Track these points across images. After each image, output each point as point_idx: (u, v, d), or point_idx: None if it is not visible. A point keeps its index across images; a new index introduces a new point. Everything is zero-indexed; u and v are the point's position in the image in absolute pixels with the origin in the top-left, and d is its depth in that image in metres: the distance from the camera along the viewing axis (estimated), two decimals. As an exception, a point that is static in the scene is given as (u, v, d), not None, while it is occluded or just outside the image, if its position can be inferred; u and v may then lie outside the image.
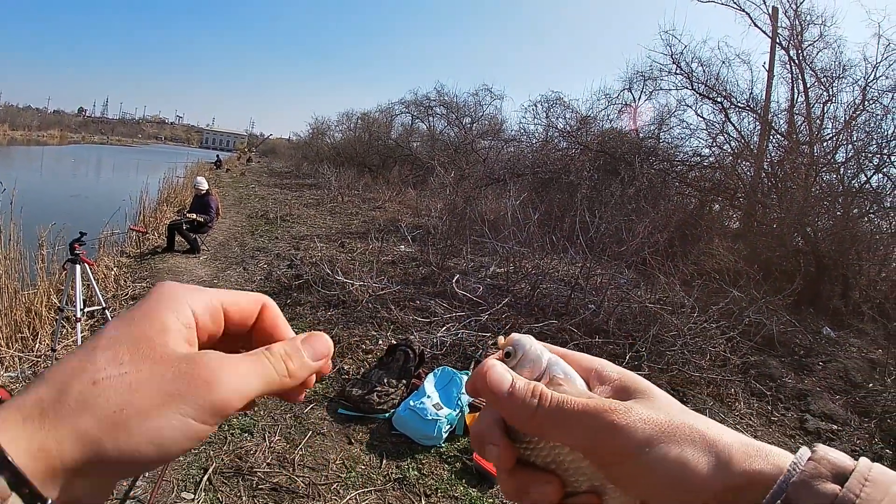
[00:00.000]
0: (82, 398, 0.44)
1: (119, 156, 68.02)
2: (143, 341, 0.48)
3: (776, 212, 13.69)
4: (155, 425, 0.45)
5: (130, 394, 0.45)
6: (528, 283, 10.10)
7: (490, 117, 34.08)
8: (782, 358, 8.29)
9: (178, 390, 0.46)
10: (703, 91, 17.41)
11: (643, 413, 0.51)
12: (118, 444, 0.44)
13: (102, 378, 0.45)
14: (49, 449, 0.42)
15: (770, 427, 6.24)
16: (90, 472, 0.44)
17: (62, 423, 0.43)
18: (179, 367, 0.48)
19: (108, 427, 0.43)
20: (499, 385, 0.53)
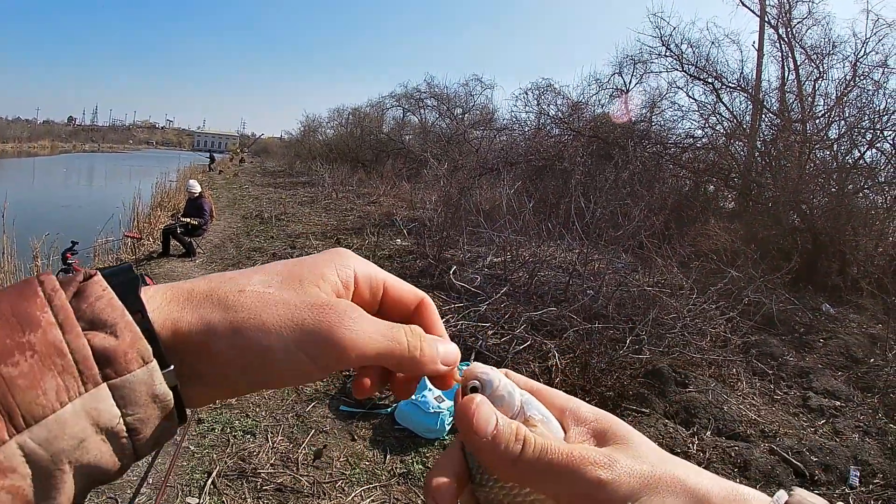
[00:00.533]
0: (225, 299, 0.49)
1: (111, 163, 67.78)
2: (296, 278, 0.52)
3: (771, 190, 13.69)
4: (268, 341, 0.48)
5: (262, 307, 0.48)
6: (526, 271, 10.08)
7: (481, 107, 34.08)
8: (783, 336, 8.29)
9: (302, 320, 0.49)
10: (693, 72, 17.42)
11: (627, 465, 0.49)
12: (231, 344, 0.47)
13: (249, 290, 0.49)
14: (180, 327, 0.47)
15: (773, 406, 6.23)
16: (201, 363, 0.48)
17: (199, 310, 0.48)
18: (314, 303, 0.50)
19: (231, 327, 0.47)
20: (483, 426, 0.50)
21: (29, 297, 0.43)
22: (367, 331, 0.50)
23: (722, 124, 17.18)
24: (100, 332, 0.43)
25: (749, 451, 5.01)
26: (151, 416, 0.45)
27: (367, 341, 0.50)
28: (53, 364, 0.41)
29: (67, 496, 0.42)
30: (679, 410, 5.78)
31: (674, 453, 2.11)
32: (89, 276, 0.46)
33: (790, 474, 4.79)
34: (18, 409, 0.39)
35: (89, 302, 0.44)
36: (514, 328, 7.39)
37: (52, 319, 0.42)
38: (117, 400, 0.43)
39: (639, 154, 15.85)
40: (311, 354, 0.48)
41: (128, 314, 0.44)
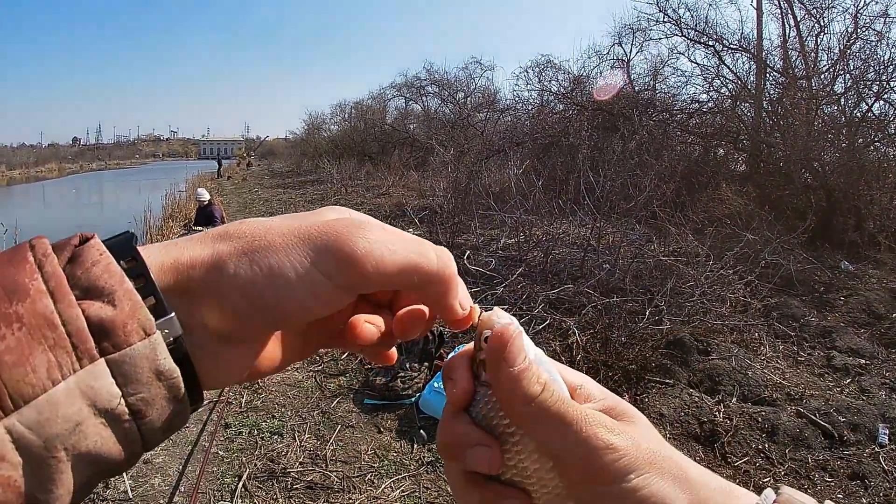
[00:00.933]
0: (227, 231, 0.46)
1: (119, 179, 67.90)
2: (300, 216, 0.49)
3: (781, 150, 13.56)
4: (276, 260, 0.44)
5: (266, 231, 0.46)
6: (540, 250, 10.06)
7: (483, 89, 33.89)
8: (803, 297, 8.23)
9: (311, 234, 0.45)
10: (693, 36, 17.29)
11: (634, 439, 0.48)
12: (238, 267, 0.44)
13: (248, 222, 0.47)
14: (182, 261, 0.44)
15: (797, 368, 6.19)
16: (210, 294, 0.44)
17: (202, 244, 0.45)
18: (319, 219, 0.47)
19: (237, 252, 0.44)
20: (514, 357, 0.48)
21: (17, 263, 0.39)
22: (386, 240, 0.46)
23: (726, 87, 17.02)
24: (96, 300, 0.39)
25: (776, 416, 4.98)
26: (157, 395, 0.41)
27: (386, 252, 0.45)
28: (44, 337, 0.37)
29: (66, 488, 0.38)
30: (703, 379, 5.76)
31: (700, 422, 2.14)
32: (86, 240, 0.42)
33: (818, 436, 4.77)
34: (5, 388, 0.35)
35: (85, 267, 0.40)
36: (533, 308, 7.38)
37: (42, 287, 0.38)
38: (116, 377, 0.39)
39: (645, 123, 15.74)
40: (325, 271, 0.44)
41: (127, 280, 0.41)
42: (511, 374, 0.47)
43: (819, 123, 13.23)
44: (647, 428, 0.52)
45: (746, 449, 4.62)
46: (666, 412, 5.11)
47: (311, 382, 6.25)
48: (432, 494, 4.36)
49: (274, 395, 6.01)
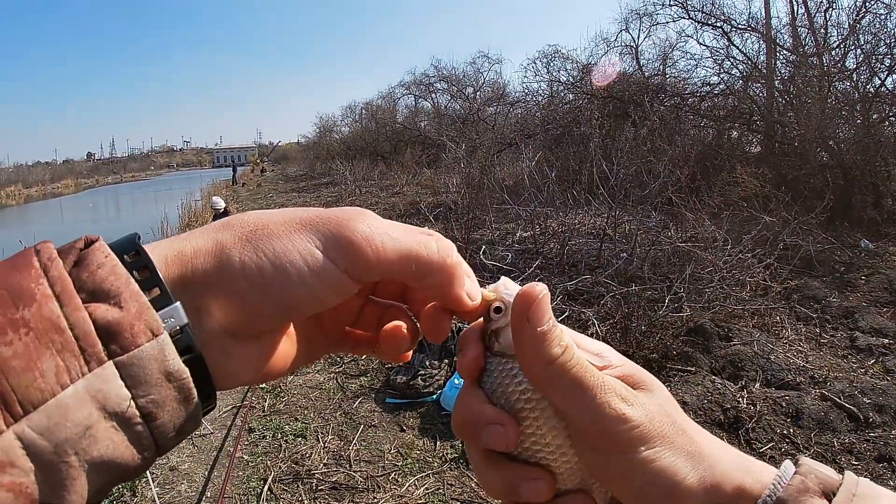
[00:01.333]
0: (228, 221, 0.47)
1: (135, 191, 68.32)
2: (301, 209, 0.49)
3: (795, 129, 13.43)
4: (281, 246, 0.44)
5: (270, 218, 0.46)
6: (557, 242, 10.03)
7: (492, 83, 33.83)
8: (824, 277, 8.17)
9: (311, 221, 0.46)
10: (701, 18, 17.17)
11: (649, 412, 0.49)
12: (243, 254, 0.44)
13: (250, 212, 0.48)
14: (185, 252, 0.44)
15: (820, 350, 6.15)
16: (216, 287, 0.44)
17: (204, 234, 0.46)
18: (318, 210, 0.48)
19: (241, 240, 0.44)
20: (540, 317, 0.48)
21: (23, 268, 0.39)
22: (385, 227, 0.48)
23: (737, 68, 16.89)
24: (102, 303, 0.39)
25: (800, 400, 4.94)
26: (167, 397, 0.41)
27: (387, 239, 0.47)
28: (51, 341, 0.36)
29: (80, 494, 0.37)
30: (725, 365, 5.73)
31: (723, 409, 2.12)
32: (91, 243, 0.42)
33: (843, 419, 4.72)
34: (14, 394, 0.35)
35: (90, 270, 0.40)
36: (551, 301, 7.36)
37: (48, 291, 0.38)
38: (125, 380, 0.39)
39: (656, 109, 15.66)
40: (330, 255, 0.45)
41: (133, 282, 0.41)
42: (535, 334, 0.48)
43: (832, 100, 13.10)
44: (666, 399, 0.52)
45: (771, 434, 4.59)
46: (689, 400, 5.08)
47: (332, 384, 6.28)
48: (456, 491, 4.36)
49: (296, 398, 6.05)
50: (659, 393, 0.52)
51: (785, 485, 0.48)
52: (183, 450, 5.27)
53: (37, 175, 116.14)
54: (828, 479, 0.48)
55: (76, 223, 34.30)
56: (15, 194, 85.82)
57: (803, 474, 0.49)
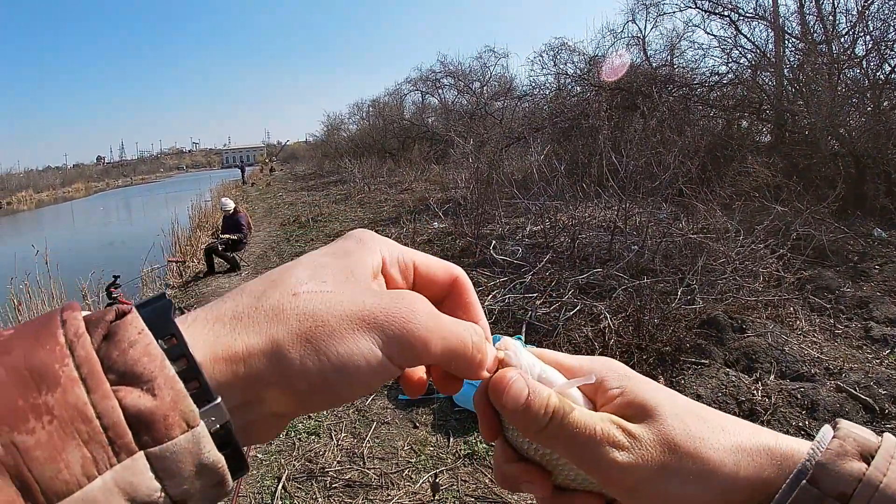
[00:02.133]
0: (280, 306, 0.43)
1: (145, 194, 68.41)
2: (345, 269, 0.48)
3: (805, 118, 13.36)
4: (344, 349, 0.43)
5: (328, 310, 0.44)
6: (567, 235, 10.00)
7: (499, 77, 33.98)
8: (837, 268, 8.12)
9: (375, 317, 0.44)
10: (708, 7, 17.14)
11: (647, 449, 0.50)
12: (303, 357, 0.42)
13: (303, 291, 0.44)
14: (236, 350, 0.41)
15: (835, 341, 6.10)
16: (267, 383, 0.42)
17: (255, 326, 0.42)
18: (381, 297, 0.46)
19: (299, 339, 0.42)
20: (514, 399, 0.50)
21: (46, 341, 0.36)
22: (441, 320, 0.48)
23: (745, 57, 16.81)
24: (134, 387, 0.36)
25: (815, 391, 4.91)
26: (199, 486, 0.38)
27: (439, 339, 0.47)
28: (77, 431, 0.34)
29: None
30: (739, 357, 5.70)
31: (738, 402, 2.08)
32: (123, 315, 0.39)
33: (859, 410, 4.70)
34: (38, 485, 0.32)
35: (121, 349, 0.37)
36: (563, 294, 7.36)
37: (73, 374, 0.35)
38: (157, 472, 0.36)
39: (665, 99, 15.57)
40: (390, 352, 0.44)
41: (169, 365, 0.37)
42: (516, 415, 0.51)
43: (842, 88, 13.02)
44: (671, 416, 0.52)
45: (787, 427, 4.56)
46: (703, 393, 5.06)
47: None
48: (470, 487, 4.36)
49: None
50: (663, 412, 0.52)
51: (823, 449, 0.49)
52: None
53: (47, 180, 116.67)
54: (866, 442, 0.49)
55: (88, 227, 34.46)
56: (26, 199, 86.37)
57: (841, 438, 0.49)
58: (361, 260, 0.49)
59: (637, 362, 5.69)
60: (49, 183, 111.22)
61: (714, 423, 0.52)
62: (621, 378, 0.55)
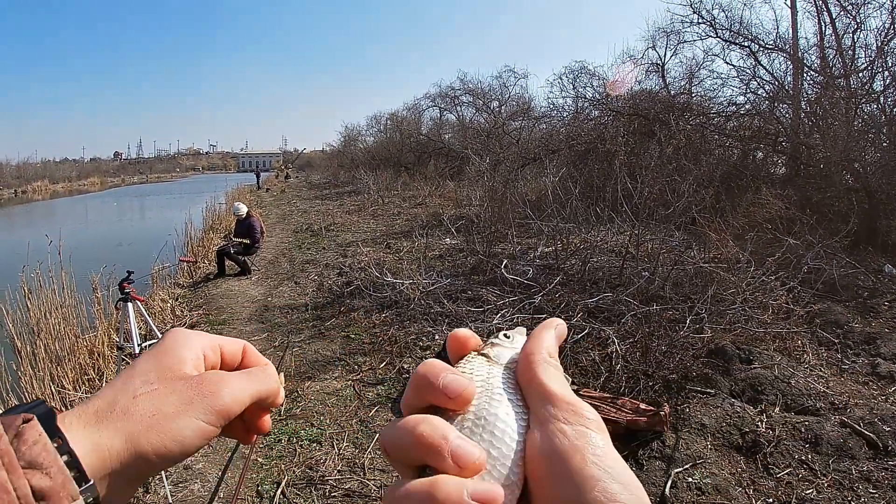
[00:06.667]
0: (126, 408, 0.58)
1: (160, 192, 68.53)
2: (165, 368, 0.63)
3: (821, 151, 13.37)
4: (176, 426, 0.59)
5: (159, 403, 0.59)
6: (578, 258, 10.04)
7: (517, 98, 34.03)
8: (846, 302, 8.11)
9: (191, 399, 0.60)
10: (728, 37, 17.19)
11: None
12: (150, 440, 0.57)
13: (140, 393, 0.60)
14: (103, 446, 0.56)
15: (842, 376, 6.09)
16: (129, 466, 0.57)
17: (112, 425, 0.57)
18: (191, 383, 0.62)
19: (145, 428, 0.57)
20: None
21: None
22: (235, 386, 0.64)
23: (763, 88, 16.86)
24: (37, 471, 0.50)
25: (819, 426, 4.91)
26: None
27: (240, 394, 0.63)
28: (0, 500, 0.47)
29: None
30: (745, 388, 5.70)
31: (742, 433, 2.15)
32: (27, 420, 0.53)
33: (862, 446, 4.68)
34: None
35: (28, 445, 0.51)
36: (571, 317, 7.37)
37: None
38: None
39: (682, 127, 15.61)
40: (209, 420, 0.60)
41: (59, 458, 0.52)
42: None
43: (859, 123, 13.06)
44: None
45: (789, 460, 4.56)
46: (707, 422, 5.08)
47: (349, 391, 6.33)
48: None
49: (313, 404, 6.10)
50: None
51: None
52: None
53: (64, 171, 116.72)
54: None
55: (100, 224, 34.57)
56: (41, 189, 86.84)
57: None
58: (179, 357, 0.64)
59: (643, 389, 5.71)
60: (65, 175, 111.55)
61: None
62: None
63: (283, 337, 8.33)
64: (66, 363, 7.36)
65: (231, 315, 9.74)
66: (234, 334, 8.48)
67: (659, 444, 4.86)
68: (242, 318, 9.57)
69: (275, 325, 8.95)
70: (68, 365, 7.35)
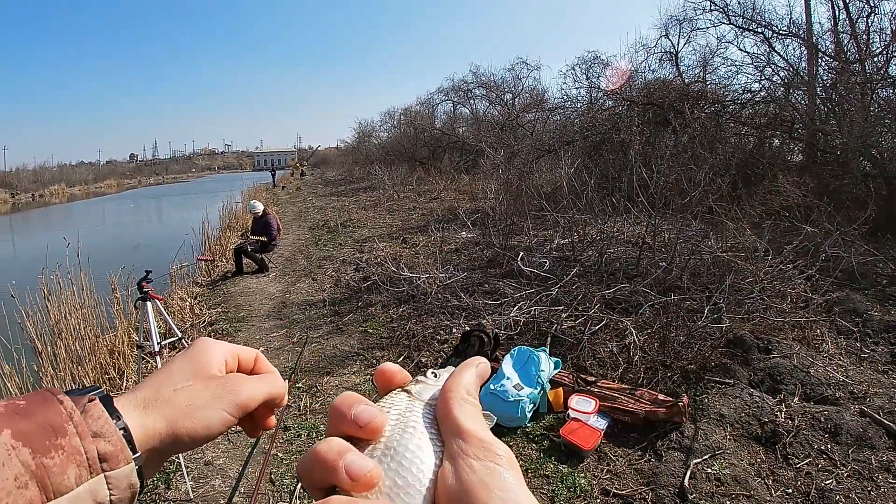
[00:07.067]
0: (168, 398, 0.73)
1: (176, 193, 68.76)
2: (198, 369, 0.77)
3: (838, 138, 13.25)
4: (206, 415, 0.73)
5: (194, 396, 0.74)
6: (595, 249, 10.05)
7: (531, 89, 33.95)
8: (865, 290, 8.05)
9: (220, 395, 0.74)
10: (741, 24, 17.03)
11: None
12: (185, 424, 0.71)
13: (179, 388, 0.74)
14: (148, 427, 0.70)
15: (861, 365, 6.04)
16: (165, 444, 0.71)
17: (157, 411, 0.71)
18: (220, 382, 0.76)
19: (182, 415, 0.72)
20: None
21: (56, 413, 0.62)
22: (254, 385, 0.77)
23: (778, 74, 16.68)
24: (101, 439, 0.63)
25: (839, 415, 4.89)
26: (126, 496, 0.65)
27: (257, 390, 0.77)
28: (75, 459, 0.60)
29: None
30: (764, 378, 5.68)
31: (761, 423, 2.17)
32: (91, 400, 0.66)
33: (882, 436, 4.65)
34: (51, 486, 0.58)
35: (94, 419, 0.64)
36: (588, 309, 7.38)
37: (73, 430, 0.61)
38: (109, 485, 0.63)
39: (697, 116, 15.51)
40: (231, 412, 0.74)
41: (118, 430, 0.65)
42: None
43: (875, 108, 12.92)
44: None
45: (808, 450, 4.55)
46: (726, 413, 5.07)
47: (368, 385, 6.37)
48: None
49: (332, 398, 6.13)
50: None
51: None
52: (218, 445, 5.43)
53: (80, 174, 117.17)
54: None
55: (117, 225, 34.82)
56: (59, 193, 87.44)
57: None
58: (206, 360, 0.78)
59: (661, 379, 5.71)
60: (82, 178, 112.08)
61: None
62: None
63: (302, 333, 8.39)
64: (87, 363, 7.46)
65: (249, 312, 9.81)
66: (253, 331, 8.61)
67: (678, 435, 4.87)
68: (261, 314, 9.63)
69: (293, 322, 9.01)
70: (89, 364, 7.45)
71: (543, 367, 5.72)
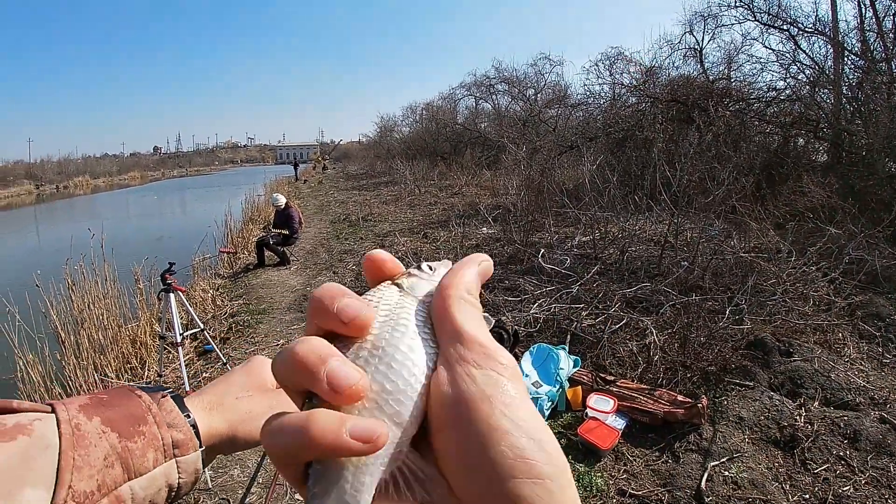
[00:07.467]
0: (231, 405, 0.88)
1: (199, 185, 69.17)
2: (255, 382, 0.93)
3: (863, 138, 13.12)
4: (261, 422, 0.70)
5: (253, 405, 0.89)
6: (616, 247, 10.03)
7: (553, 85, 33.94)
8: (889, 294, 7.96)
9: (273, 406, 0.89)
10: (767, 21, 16.96)
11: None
12: (243, 429, 0.86)
13: (240, 397, 0.89)
14: (212, 427, 0.83)
15: (882, 370, 6.00)
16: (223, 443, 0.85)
17: (220, 415, 0.85)
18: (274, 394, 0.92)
19: (240, 420, 0.86)
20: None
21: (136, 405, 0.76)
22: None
23: (804, 72, 16.56)
24: (174, 429, 0.76)
25: (859, 421, 4.87)
26: (191, 479, 0.78)
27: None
28: (153, 445, 0.73)
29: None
30: (784, 381, 5.67)
31: (780, 427, 2.19)
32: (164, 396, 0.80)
33: (902, 443, 4.65)
34: (133, 467, 0.70)
35: (167, 411, 0.78)
36: (609, 307, 7.38)
37: (152, 420, 0.75)
38: (178, 469, 0.76)
39: (721, 114, 15.43)
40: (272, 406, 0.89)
41: (188, 424, 0.79)
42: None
43: (902, 108, 12.78)
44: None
45: (827, 455, 4.53)
46: (745, 416, 5.07)
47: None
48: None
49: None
50: None
51: None
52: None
53: (104, 167, 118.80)
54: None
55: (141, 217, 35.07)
56: (83, 184, 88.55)
57: None
58: (262, 375, 0.94)
59: (681, 380, 5.71)
60: (106, 169, 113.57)
61: None
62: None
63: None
64: (109, 352, 7.59)
65: (271, 304, 9.89)
66: (273, 323, 8.69)
67: (696, 437, 4.88)
68: (282, 307, 9.71)
69: (314, 315, 9.00)
70: (111, 354, 7.58)
71: (563, 365, 5.75)
